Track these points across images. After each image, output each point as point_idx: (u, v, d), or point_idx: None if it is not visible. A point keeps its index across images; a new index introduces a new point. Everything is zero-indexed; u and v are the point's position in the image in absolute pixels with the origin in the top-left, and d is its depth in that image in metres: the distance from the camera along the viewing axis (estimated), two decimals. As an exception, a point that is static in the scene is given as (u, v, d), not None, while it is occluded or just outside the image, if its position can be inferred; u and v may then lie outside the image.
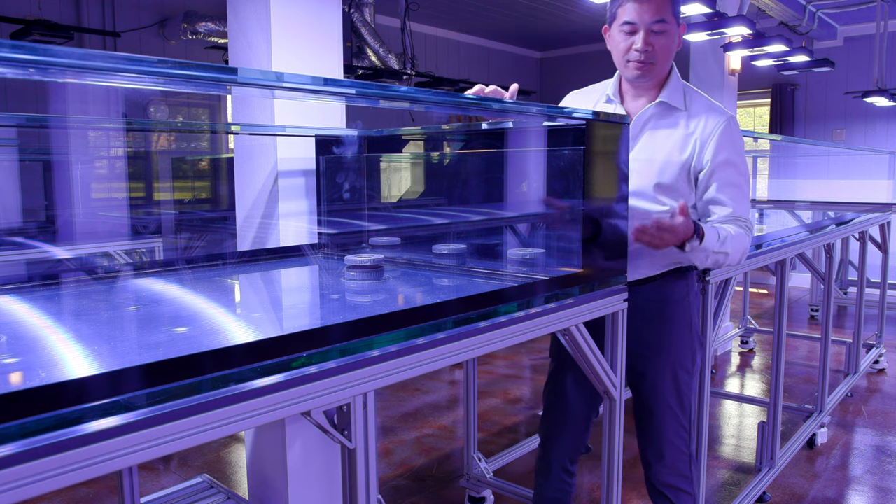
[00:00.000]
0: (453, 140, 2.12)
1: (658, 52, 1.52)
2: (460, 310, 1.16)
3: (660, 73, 1.57)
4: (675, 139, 1.58)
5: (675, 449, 1.70)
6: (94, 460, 0.73)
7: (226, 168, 3.32)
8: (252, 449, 1.96)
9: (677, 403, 1.69)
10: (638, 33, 1.51)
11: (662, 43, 1.51)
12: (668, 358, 1.67)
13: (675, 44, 1.55)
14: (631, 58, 1.54)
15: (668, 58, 1.55)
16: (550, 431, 1.84)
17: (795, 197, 5.48)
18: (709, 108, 1.60)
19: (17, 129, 2.48)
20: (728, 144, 1.57)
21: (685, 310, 1.69)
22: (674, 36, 1.53)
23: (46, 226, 3.13)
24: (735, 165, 1.58)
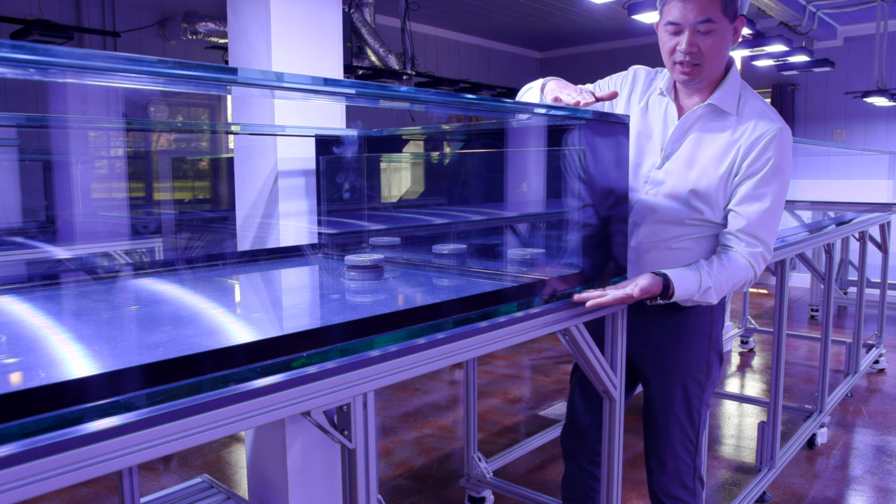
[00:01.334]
0: (453, 140, 2.12)
1: (705, 53, 1.41)
2: (460, 310, 1.16)
3: (709, 75, 1.47)
4: (718, 145, 1.49)
5: (679, 459, 1.65)
6: (94, 460, 0.73)
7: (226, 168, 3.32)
8: (252, 449, 1.96)
9: (685, 414, 1.63)
10: (683, 34, 1.41)
11: (709, 44, 1.41)
12: (681, 368, 1.62)
13: (726, 43, 1.43)
14: (676, 59, 1.45)
15: (716, 59, 1.43)
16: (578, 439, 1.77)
17: (795, 197, 5.48)
18: (761, 114, 1.48)
19: (17, 129, 2.48)
20: (770, 156, 1.45)
21: (705, 322, 1.61)
22: (724, 35, 1.41)
23: (46, 226, 3.13)
24: (769, 180, 1.46)
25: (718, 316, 1.63)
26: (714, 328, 1.62)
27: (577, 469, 1.79)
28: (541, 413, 3.58)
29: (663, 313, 1.60)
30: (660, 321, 1.61)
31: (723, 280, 1.46)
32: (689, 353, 1.61)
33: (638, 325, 1.62)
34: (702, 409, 1.65)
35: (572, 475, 1.81)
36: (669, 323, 1.61)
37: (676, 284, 1.41)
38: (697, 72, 1.45)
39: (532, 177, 1.78)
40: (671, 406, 1.64)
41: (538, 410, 3.63)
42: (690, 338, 1.61)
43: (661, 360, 1.64)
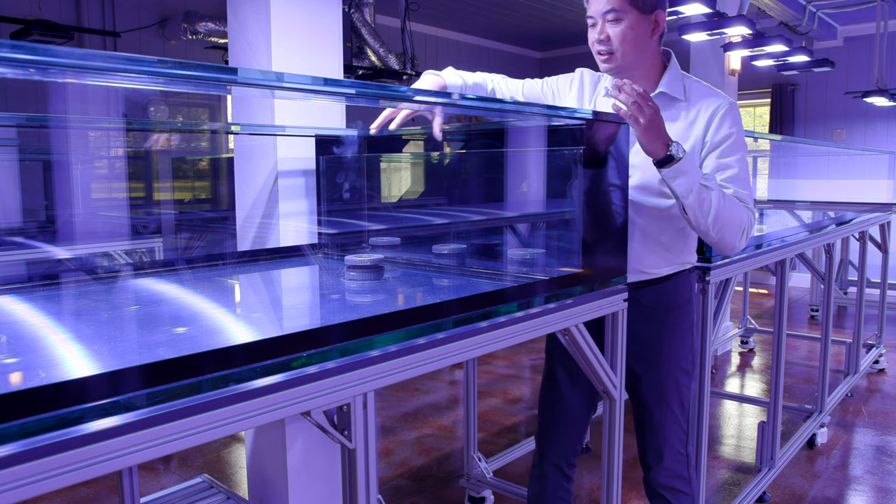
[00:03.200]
0: (453, 140, 2.12)
1: (614, 40, 1.51)
2: (460, 310, 1.16)
3: (626, 62, 1.54)
4: (676, 130, 1.56)
5: (675, 451, 1.70)
6: (94, 460, 0.73)
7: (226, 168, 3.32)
8: (252, 449, 1.96)
9: (678, 406, 1.68)
10: (597, 25, 1.53)
11: (616, 31, 1.51)
12: (671, 361, 1.66)
13: (637, 32, 1.52)
14: (594, 50, 1.56)
15: (627, 45, 1.52)
16: (547, 433, 1.83)
17: (795, 197, 5.48)
18: (709, 93, 1.59)
19: (17, 129, 2.48)
20: (727, 126, 1.55)
21: (688, 313, 1.68)
22: (634, 24, 1.51)
23: (46, 226, 3.13)
24: (735, 148, 1.55)
25: (697, 305, 1.74)
26: (696, 317, 1.71)
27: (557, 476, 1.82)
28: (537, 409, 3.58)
29: (650, 310, 1.64)
30: (647, 317, 1.64)
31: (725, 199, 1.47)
32: (677, 344, 1.66)
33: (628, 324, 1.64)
34: (691, 398, 1.72)
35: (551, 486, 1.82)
36: (657, 317, 1.65)
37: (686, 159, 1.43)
38: (613, 59, 1.54)
39: (532, 177, 1.78)
40: (666, 399, 1.67)
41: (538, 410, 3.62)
42: (677, 330, 1.66)
43: (652, 356, 1.67)
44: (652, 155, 1.43)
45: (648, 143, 1.41)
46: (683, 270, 1.67)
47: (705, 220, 1.46)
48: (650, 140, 1.41)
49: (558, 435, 1.80)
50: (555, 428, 1.81)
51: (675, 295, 1.65)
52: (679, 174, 1.43)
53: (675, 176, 1.43)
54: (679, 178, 1.43)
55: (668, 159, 1.42)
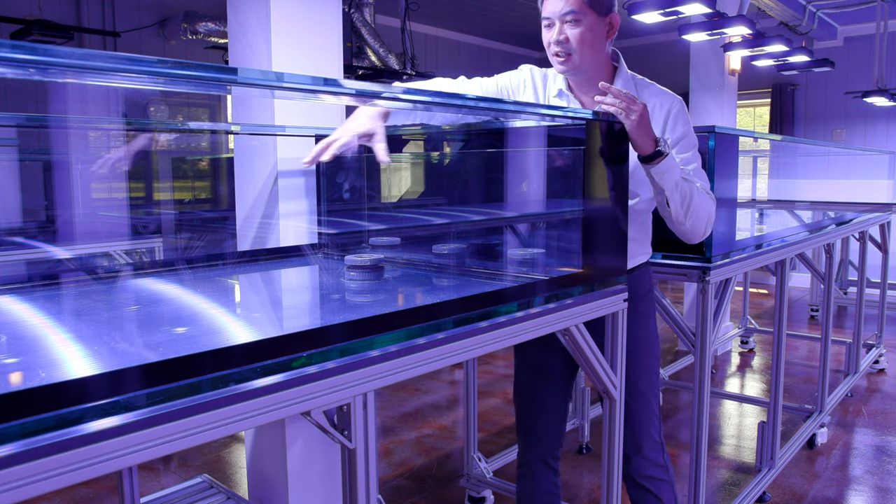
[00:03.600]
0: (453, 140, 2.12)
1: (573, 42, 1.54)
2: (460, 310, 1.16)
3: (583, 63, 1.57)
4: None
5: (651, 439, 1.73)
6: (94, 460, 0.73)
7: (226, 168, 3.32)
8: (252, 449, 1.96)
9: (651, 394, 1.73)
10: (554, 26, 1.56)
11: (575, 33, 1.54)
12: (641, 350, 1.70)
13: (595, 34, 1.55)
14: (551, 51, 1.59)
15: (585, 47, 1.55)
16: (526, 429, 1.84)
17: (795, 197, 5.48)
18: (659, 92, 1.64)
19: (17, 129, 2.48)
20: (682, 124, 1.61)
21: (650, 302, 1.75)
22: (592, 26, 1.54)
23: (46, 226, 3.13)
24: (691, 143, 1.62)
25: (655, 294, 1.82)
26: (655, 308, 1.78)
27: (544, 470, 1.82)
28: (541, 413, 3.58)
29: None
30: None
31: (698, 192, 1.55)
32: (646, 333, 1.72)
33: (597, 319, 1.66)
34: (659, 384, 1.77)
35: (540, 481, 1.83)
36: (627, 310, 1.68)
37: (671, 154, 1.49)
38: (570, 61, 1.57)
39: (532, 177, 1.79)
40: (640, 389, 1.71)
41: (538, 410, 3.62)
42: (644, 320, 1.72)
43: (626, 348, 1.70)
44: (642, 151, 1.47)
45: (639, 139, 1.45)
46: (644, 262, 1.73)
47: (685, 211, 1.53)
48: (641, 137, 1.45)
49: (538, 429, 1.82)
50: (533, 422, 1.82)
51: (639, 285, 1.70)
52: (667, 169, 1.48)
53: (664, 171, 1.48)
54: (666, 172, 1.48)
55: (656, 155, 1.46)
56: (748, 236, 2.92)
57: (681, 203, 1.53)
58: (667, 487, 1.76)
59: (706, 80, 4.82)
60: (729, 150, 2.02)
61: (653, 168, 1.48)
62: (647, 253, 1.74)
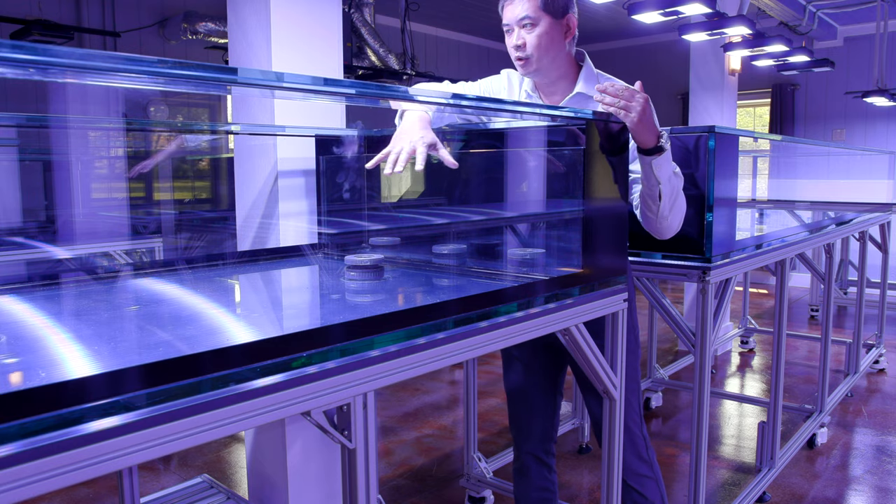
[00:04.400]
0: (453, 140, 2.12)
1: (530, 45, 1.58)
2: (460, 310, 1.16)
3: (543, 65, 1.61)
4: None
5: (631, 433, 1.72)
6: (94, 460, 0.73)
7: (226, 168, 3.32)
8: (252, 449, 1.96)
9: (632, 391, 1.70)
10: (513, 32, 1.60)
11: (532, 37, 1.58)
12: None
13: (552, 36, 1.58)
14: (512, 55, 1.63)
15: (543, 49, 1.59)
16: (517, 425, 1.85)
17: (795, 197, 5.48)
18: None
19: (17, 129, 2.48)
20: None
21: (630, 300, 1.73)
22: (548, 29, 1.58)
23: (46, 226, 3.13)
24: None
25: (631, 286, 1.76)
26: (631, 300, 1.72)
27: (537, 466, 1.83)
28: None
29: None
30: None
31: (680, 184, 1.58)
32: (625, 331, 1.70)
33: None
34: (638, 378, 1.75)
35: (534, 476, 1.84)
36: None
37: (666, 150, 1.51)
38: (529, 63, 1.61)
39: (532, 177, 1.79)
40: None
41: (538, 410, 3.62)
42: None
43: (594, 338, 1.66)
44: (643, 145, 1.48)
45: (641, 134, 1.46)
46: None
47: (671, 204, 1.55)
48: (642, 132, 1.46)
49: (527, 424, 1.82)
50: (523, 417, 1.83)
51: None
52: (664, 161, 1.50)
53: (661, 164, 1.50)
54: (664, 165, 1.50)
55: (657, 149, 1.48)
56: (748, 236, 2.92)
57: (670, 196, 1.55)
58: (653, 486, 1.75)
59: (706, 80, 4.82)
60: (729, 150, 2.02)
61: (653, 160, 1.49)
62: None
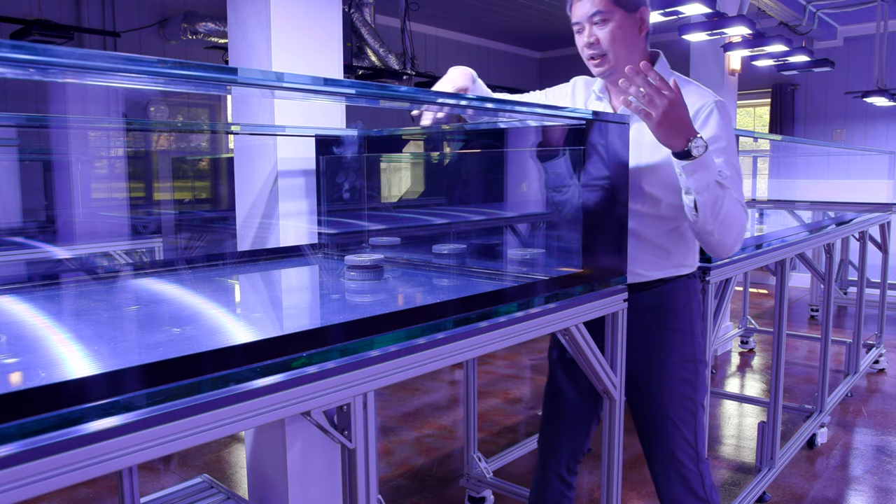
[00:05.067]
0: (453, 140, 2.12)
1: (603, 41, 1.50)
2: (460, 310, 1.16)
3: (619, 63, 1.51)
4: None
5: (681, 465, 1.61)
6: (94, 460, 0.73)
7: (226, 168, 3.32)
8: (252, 449, 1.96)
9: (678, 416, 1.60)
10: (584, 30, 1.52)
11: (605, 33, 1.50)
12: (666, 369, 1.60)
13: (625, 31, 1.50)
14: (585, 56, 1.56)
15: (617, 46, 1.50)
16: (547, 436, 1.79)
17: (795, 197, 5.48)
18: (695, 92, 1.53)
19: (17, 129, 2.48)
20: (713, 128, 1.48)
21: (686, 320, 1.61)
22: (622, 24, 1.49)
23: (46, 226, 3.13)
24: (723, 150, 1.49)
25: (697, 313, 1.64)
26: (695, 325, 1.62)
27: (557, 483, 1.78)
28: (541, 413, 3.58)
29: (644, 314, 1.59)
30: (642, 322, 1.59)
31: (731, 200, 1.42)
32: (673, 352, 1.60)
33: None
34: (696, 409, 1.62)
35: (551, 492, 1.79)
36: (651, 322, 1.60)
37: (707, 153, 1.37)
38: (606, 62, 1.52)
39: (532, 176, 1.79)
40: (664, 411, 1.61)
41: (538, 410, 3.62)
42: (674, 336, 1.59)
43: (647, 363, 1.61)
44: (669, 148, 1.38)
45: (664, 137, 1.36)
46: (682, 275, 1.61)
47: (714, 219, 1.41)
48: (665, 135, 1.35)
49: (559, 443, 1.77)
50: (555, 435, 1.77)
51: (672, 300, 1.60)
52: (699, 168, 1.37)
53: (695, 170, 1.37)
54: (698, 171, 1.37)
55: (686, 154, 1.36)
56: (748, 236, 2.92)
57: (711, 208, 1.40)
58: None
59: (706, 80, 4.82)
60: (729, 150, 2.02)
61: (682, 164, 1.38)
62: (683, 266, 1.60)
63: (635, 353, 1.61)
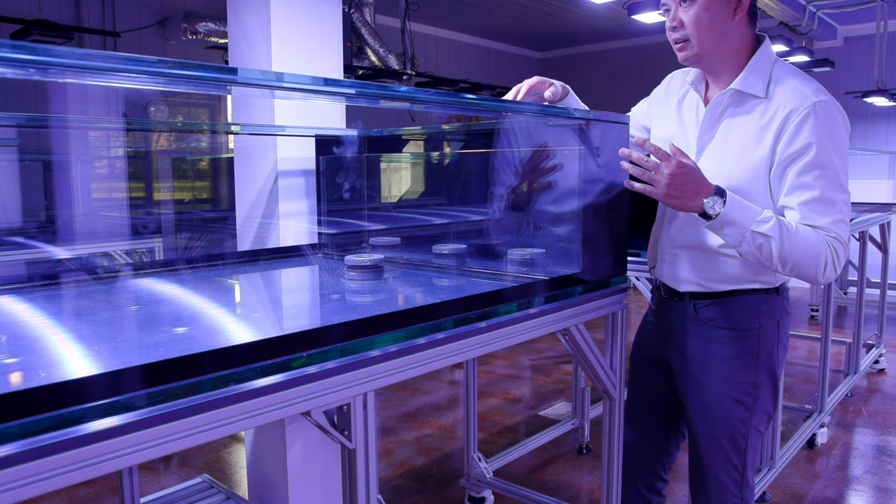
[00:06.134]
0: (453, 140, 2.13)
1: (688, 25, 1.36)
2: (460, 310, 1.16)
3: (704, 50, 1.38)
4: (749, 131, 1.37)
5: (722, 486, 1.50)
6: (94, 460, 0.73)
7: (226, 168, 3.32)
8: (252, 449, 1.96)
9: (727, 438, 1.48)
10: (671, 10, 1.39)
11: (690, 15, 1.35)
12: (722, 387, 1.46)
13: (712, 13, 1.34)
14: (670, 39, 1.41)
15: (702, 30, 1.35)
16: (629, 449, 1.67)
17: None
18: (793, 91, 1.34)
19: (17, 129, 2.48)
20: (805, 136, 1.30)
21: (752, 340, 1.45)
22: (709, 5, 1.33)
23: (46, 226, 3.13)
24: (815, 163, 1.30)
25: (771, 334, 1.47)
26: (763, 346, 1.46)
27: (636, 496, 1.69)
28: (541, 413, 3.58)
29: (706, 327, 1.48)
30: (701, 334, 1.48)
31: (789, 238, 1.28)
32: (733, 371, 1.46)
33: (678, 336, 1.52)
34: (749, 434, 1.48)
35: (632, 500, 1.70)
36: (712, 336, 1.47)
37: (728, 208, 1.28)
38: (689, 47, 1.38)
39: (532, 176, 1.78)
40: (712, 429, 1.49)
41: (538, 410, 3.63)
42: (734, 354, 1.46)
43: (701, 377, 1.49)
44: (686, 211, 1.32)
45: (677, 207, 1.32)
46: (754, 290, 1.44)
47: (769, 262, 1.30)
48: (678, 205, 1.30)
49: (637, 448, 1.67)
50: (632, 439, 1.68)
51: (739, 317, 1.45)
52: (725, 225, 1.29)
53: (722, 227, 1.30)
54: (726, 228, 1.29)
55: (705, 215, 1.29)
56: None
57: (758, 256, 1.30)
58: None
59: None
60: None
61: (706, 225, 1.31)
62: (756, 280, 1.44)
63: (691, 364, 1.50)
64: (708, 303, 1.47)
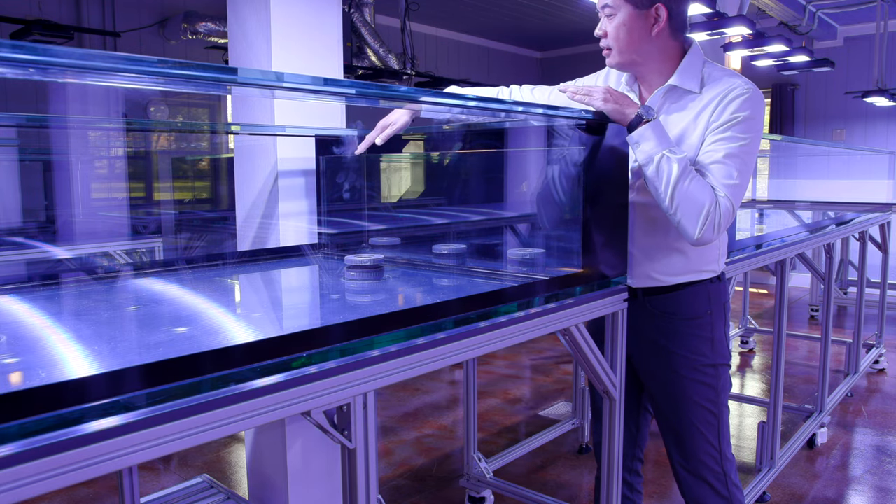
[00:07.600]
0: (453, 140, 2.12)
1: (609, 36, 1.47)
2: (460, 310, 1.16)
3: (626, 59, 1.48)
4: (687, 118, 1.47)
5: (704, 466, 1.61)
6: (94, 460, 0.73)
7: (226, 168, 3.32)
8: (252, 449, 1.96)
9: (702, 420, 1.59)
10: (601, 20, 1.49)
11: (612, 27, 1.46)
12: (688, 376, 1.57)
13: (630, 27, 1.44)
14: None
15: (622, 41, 1.45)
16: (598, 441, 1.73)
17: (795, 197, 5.48)
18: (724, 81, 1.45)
19: (17, 129, 2.48)
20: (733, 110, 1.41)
21: (706, 325, 1.57)
22: (627, 19, 1.44)
23: (46, 226, 3.13)
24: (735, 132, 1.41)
25: (719, 318, 1.59)
26: (715, 330, 1.58)
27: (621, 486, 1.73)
28: (541, 413, 3.58)
29: (661, 318, 1.58)
30: (658, 325, 1.58)
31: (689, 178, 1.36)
32: (695, 358, 1.57)
33: (637, 331, 1.59)
34: (720, 412, 1.59)
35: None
36: (667, 326, 1.58)
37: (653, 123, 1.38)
38: (611, 55, 1.49)
39: (532, 177, 1.78)
40: (686, 416, 1.59)
41: (538, 410, 3.63)
42: (689, 341, 1.57)
43: (666, 369, 1.59)
44: (623, 122, 1.41)
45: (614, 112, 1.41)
46: (701, 280, 1.56)
47: (664, 193, 1.36)
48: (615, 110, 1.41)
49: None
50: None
51: (691, 305, 1.56)
52: (643, 139, 1.37)
53: (639, 141, 1.38)
54: (642, 143, 1.37)
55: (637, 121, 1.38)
56: (748, 236, 2.92)
57: (657, 181, 1.37)
58: None
59: (706, 80, 4.82)
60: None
61: (630, 137, 1.39)
62: (703, 270, 1.56)
63: (656, 357, 1.60)
64: (660, 296, 1.58)
